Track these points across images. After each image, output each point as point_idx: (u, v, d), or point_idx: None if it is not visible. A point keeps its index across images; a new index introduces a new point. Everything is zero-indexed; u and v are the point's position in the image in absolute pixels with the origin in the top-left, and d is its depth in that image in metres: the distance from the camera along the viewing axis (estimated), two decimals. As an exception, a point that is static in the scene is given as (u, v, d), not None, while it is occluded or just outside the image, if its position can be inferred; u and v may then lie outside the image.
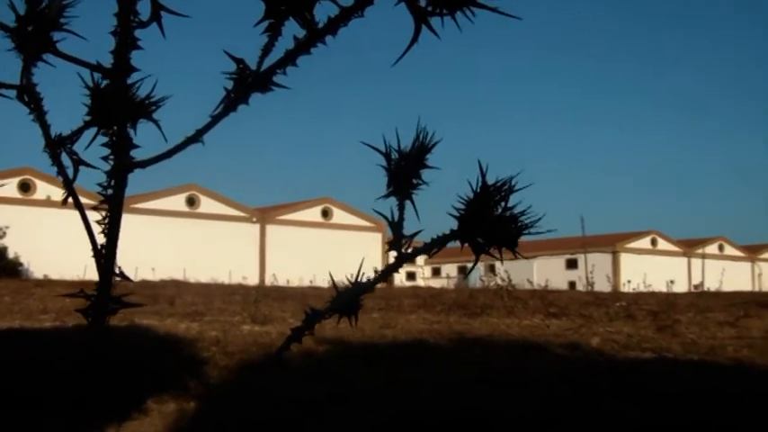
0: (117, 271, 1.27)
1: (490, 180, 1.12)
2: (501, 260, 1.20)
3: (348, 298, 1.24)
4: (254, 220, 46.58)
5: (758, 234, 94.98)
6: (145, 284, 19.34)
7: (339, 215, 49.23)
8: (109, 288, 1.26)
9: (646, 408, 4.96)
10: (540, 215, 1.13)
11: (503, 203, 1.13)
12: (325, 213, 49.41)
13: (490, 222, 1.13)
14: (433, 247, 1.17)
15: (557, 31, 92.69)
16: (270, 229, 46.88)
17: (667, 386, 5.93)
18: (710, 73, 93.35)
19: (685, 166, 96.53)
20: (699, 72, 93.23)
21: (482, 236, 1.14)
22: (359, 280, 1.25)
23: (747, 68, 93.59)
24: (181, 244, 41.48)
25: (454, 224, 1.15)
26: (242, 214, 46.23)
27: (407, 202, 1.22)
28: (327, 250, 44.85)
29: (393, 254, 1.23)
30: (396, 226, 1.21)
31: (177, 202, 43.62)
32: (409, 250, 1.22)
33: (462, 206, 1.15)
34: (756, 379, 6.76)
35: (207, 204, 44.93)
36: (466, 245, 1.16)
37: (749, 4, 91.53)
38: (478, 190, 1.13)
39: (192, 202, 44.48)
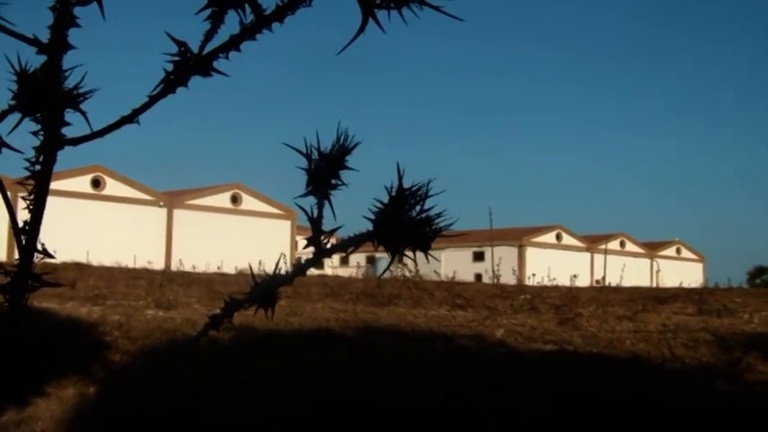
0: (39, 248, 1.25)
1: (407, 183, 1.16)
2: (415, 261, 1.23)
3: (266, 289, 1.25)
4: (162, 204, 45.82)
5: (657, 231, 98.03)
6: (45, 266, 18.81)
7: (249, 201, 48.82)
8: (30, 266, 1.25)
9: (543, 400, 5.07)
10: (455, 219, 1.17)
11: (418, 207, 1.17)
12: (235, 199, 48.91)
13: (405, 225, 1.16)
14: (350, 246, 1.21)
15: (480, 21, 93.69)
16: (177, 213, 46.19)
17: (565, 380, 6.07)
18: (624, 66, 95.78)
19: (590, 163, 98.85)
20: (614, 63, 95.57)
21: (396, 238, 1.17)
22: (277, 271, 1.27)
23: (642, 63, 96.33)
24: (84, 226, 40.54)
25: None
26: (149, 198, 45.42)
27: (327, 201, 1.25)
28: (236, 237, 44.47)
29: (312, 249, 1.26)
30: (315, 222, 1.24)
31: (82, 183, 42.59)
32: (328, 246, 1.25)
33: (378, 209, 1.18)
34: (650, 372, 6.97)
35: (113, 187, 44.00)
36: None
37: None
38: (395, 194, 1.16)
39: (97, 183, 43.51)
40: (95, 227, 41.13)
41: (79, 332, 7.41)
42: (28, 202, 1.23)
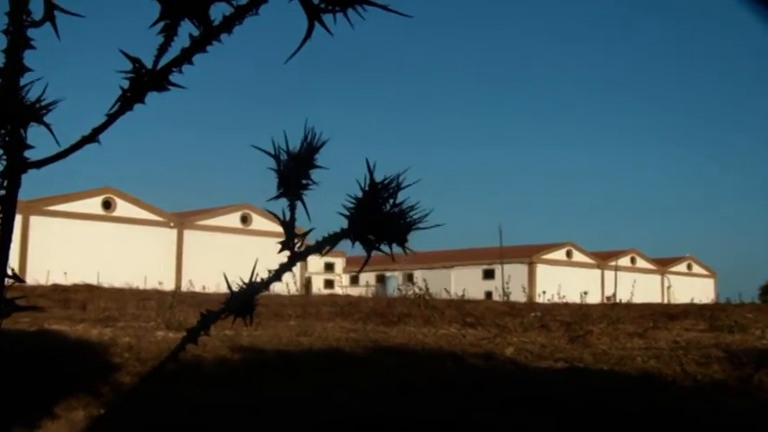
0: (9, 272, 1.24)
1: (378, 178, 1.16)
2: (392, 256, 1.22)
3: (242, 298, 1.25)
4: (172, 224, 45.93)
5: (668, 247, 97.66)
6: (56, 288, 18.87)
7: (259, 221, 48.90)
8: (2, 291, 1.23)
9: (551, 419, 5.05)
10: (429, 210, 1.17)
11: (391, 200, 1.16)
12: (245, 219, 49.02)
13: (379, 219, 1.16)
14: (325, 246, 1.20)
15: (470, 33, 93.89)
16: (187, 234, 46.29)
17: (575, 398, 6.05)
18: (624, 85, 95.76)
19: (600, 180, 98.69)
20: (614, 84, 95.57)
21: (372, 233, 1.17)
22: (253, 280, 1.27)
23: (653, 80, 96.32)
24: (95, 248, 40.62)
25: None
26: (159, 219, 45.54)
27: (299, 203, 1.24)
28: (246, 256, 44.39)
29: (286, 253, 1.25)
30: (287, 226, 1.23)
31: (93, 205, 42.74)
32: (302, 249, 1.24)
33: (352, 204, 1.18)
34: (661, 389, 6.94)
35: (123, 208, 44.13)
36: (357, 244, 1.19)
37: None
38: (367, 188, 1.16)
39: (108, 205, 43.64)
40: (106, 248, 41.20)
41: (90, 354, 7.42)
42: None
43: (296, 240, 1.24)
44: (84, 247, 39.88)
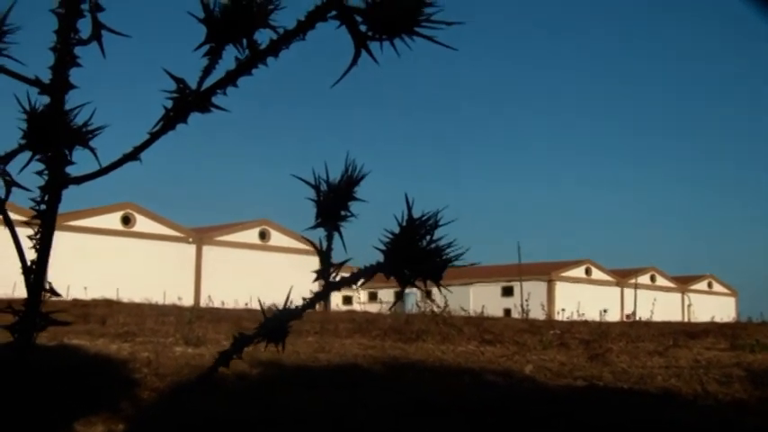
0: (47, 287, 1.25)
1: (416, 213, 1.15)
2: (424, 291, 1.22)
3: (276, 323, 1.25)
4: (191, 240, 46.10)
5: (688, 266, 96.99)
6: (76, 303, 18.97)
7: (277, 237, 49.01)
8: (38, 304, 1.25)
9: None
10: (466, 248, 1.16)
11: (428, 237, 1.15)
12: (263, 235, 49.15)
13: (415, 255, 1.15)
14: (360, 278, 1.20)
15: (491, 53, 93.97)
16: (206, 250, 46.44)
17: (595, 416, 6.01)
18: (649, 102, 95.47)
19: (619, 197, 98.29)
20: (639, 100, 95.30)
21: (407, 268, 1.16)
22: (287, 306, 1.27)
23: (683, 99, 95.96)
24: (115, 263, 40.81)
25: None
26: (178, 234, 45.73)
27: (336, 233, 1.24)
28: (265, 273, 44.54)
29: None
30: (323, 255, 1.24)
31: (112, 220, 42.99)
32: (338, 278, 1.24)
33: (388, 239, 1.17)
34: (682, 408, 6.89)
35: (142, 224, 44.35)
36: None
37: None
38: (404, 224, 1.15)
39: (127, 220, 43.87)
40: (125, 264, 41.38)
41: (109, 369, 7.45)
42: (34, 241, 1.23)
43: (332, 270, 1.24)
44: (104, 262, 40.09)
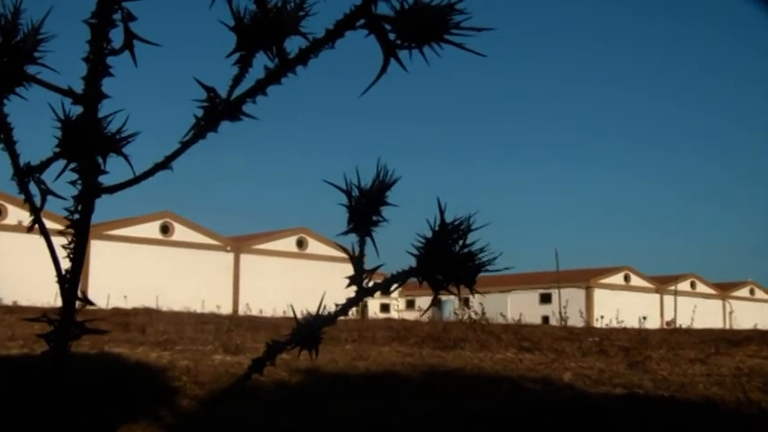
0: (80, 295, 1.25)
1: (449, 218, 1.14)
2: (460, 297, 1.21)
3: (309, 330, 1.24)
4: (229, 249, 46.41)
5: (730, 272, 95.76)
6: (117, 312, 19.15)
7: (314, 245, 49.17)
8: (72, 313, 1.25)
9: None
10: (498, 253, 1.14)
11: (461, 242, 1.14)
12: (301, 243, 49.34)
13: (448, 260, 1.14)
14: (393, 283, 1.18)
15: (526, 63, 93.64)
16: (244, 258, 46.72)
17: (635, 424, 5.94)
18: (687, 106, 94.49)
19: (659, 203, 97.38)
20: (674, 106, 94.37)
21: (440, 273, 1.15)
22: (320, 313, 1.26)
23: (721, 100, 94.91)
24: (154, 272, 41.18)
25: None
26: (216, 243, 46.05)
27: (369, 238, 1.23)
28: (302, 280, 44.71)
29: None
30: (356, 261, 1.22)
31: (151, 229, 43.39)
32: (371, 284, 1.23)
33: (421, 244, 1.16)
34: (724, 417, 6.78)
35: (181, 232, 44.73)
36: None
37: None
38: (437, 228, 1.14)
39: (166, 229, 44.27)
40: (165, 272, 41.75)
41: (148, 377, 7.50)
42: (68, 251, 1.24)
43: (365, 276, 1.23)
44: (143, 271, 40.46)
